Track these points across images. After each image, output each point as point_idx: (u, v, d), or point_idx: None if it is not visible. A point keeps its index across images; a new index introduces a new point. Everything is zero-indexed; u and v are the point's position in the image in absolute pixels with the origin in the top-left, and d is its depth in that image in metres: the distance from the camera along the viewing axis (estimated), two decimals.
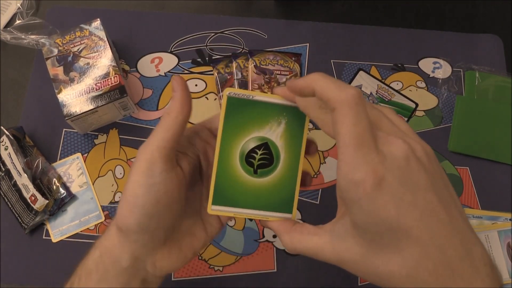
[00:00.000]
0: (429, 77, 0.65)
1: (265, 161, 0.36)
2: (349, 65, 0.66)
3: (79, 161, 0.59)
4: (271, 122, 0.35)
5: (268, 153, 0.36)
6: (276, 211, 0.36)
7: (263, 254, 0.56)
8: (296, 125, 0.36)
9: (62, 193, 0.56)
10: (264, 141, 0.36)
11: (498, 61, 0.67)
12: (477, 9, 0.71)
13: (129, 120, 0.61)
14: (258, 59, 0.62)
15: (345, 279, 0.55)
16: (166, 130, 0.33)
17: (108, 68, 0.57)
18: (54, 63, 0.58)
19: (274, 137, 0.36)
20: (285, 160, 0.36)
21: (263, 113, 0.35)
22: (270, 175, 0.36)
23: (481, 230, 0.56)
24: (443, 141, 0.62)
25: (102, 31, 0.59)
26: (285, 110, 0.35)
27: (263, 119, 0.35)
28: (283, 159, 0.36)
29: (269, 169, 0.36)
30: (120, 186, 0.58)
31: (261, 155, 0.36)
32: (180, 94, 0.34)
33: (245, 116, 0.35)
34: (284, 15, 0.69)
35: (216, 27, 0.67)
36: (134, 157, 0.59)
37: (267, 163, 0.36)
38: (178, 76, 0.35)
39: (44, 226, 0.56)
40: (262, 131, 0.35)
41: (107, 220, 0.56)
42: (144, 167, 0.33)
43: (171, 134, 0.33)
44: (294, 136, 0.36)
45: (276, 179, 0.36)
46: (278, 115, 0.35)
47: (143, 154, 0.34)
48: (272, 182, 0.36)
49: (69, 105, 0.55)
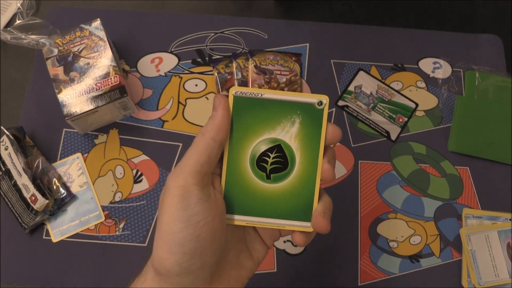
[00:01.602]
0: (429, 77, 0.65)
1: (278, 165, 0.33)
2: (349, 65, 0.66)
3: (79, 161, 0.59)
4: (283, 122, 0.32)
5: (281, 156, 0.33)
6: (293, 219, 0.33)
7: None
8: (312, 124, 0.33)
9: (62, 193, 0.56)
10: (276, 143, 0.33)
11: (498, 61, 0.67)
12: (477, 9, 0.71)
13: (129, 120, 0.61)
14: (258, 59, 0.62)
15: (345, 279, 0.55)
16: (201, 153, 0.30)
17: (108, 68, 0.57)
18: (54, 63, 0.58)
19: (287, 138, 0.33)
20: (301, 163, 0.33)
21: (274, 113, 0.32)
22: (285, 180, 0.33)
23: (481, 230, 0.56)
24: (443, 141, 0.62)
25: (102, 31, 0.59)
26: (299, 108, 0.32)
27: (275, 119, 0.32)
28: (299, 162, 0.33)
29: (284, 174, 0.33)
30: (120, 186, 0.58)
31: (274, 158, 0.33)
32: (221, 114, 0.31)
33: (254, 117, 0.32)
34: (284, 15, 0.69)
35: (216, 27, 0.67)
36: (134, 157, 0.59)
37: (281, 167, 0.33)
38: (223, 95, 0.32)
39: (44, 226, 0.56)
40: (274, 132, 0.33)
41: (107, 220, 0.56)
42: (178, 197, 0.29)
43: (206, 157, 0.30)
44: (311, 137, 0.33)
45: (292, 184, 0.33)
46: (291, 113, 0.32)
47: (175, 181, 0.30)
48: (287, 187, 0.33)
49: (69, 105, 0.55)
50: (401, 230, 0.57)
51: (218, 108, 0.31)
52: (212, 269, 0.31)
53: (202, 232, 0.29)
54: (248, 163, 0.33)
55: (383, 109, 0.63)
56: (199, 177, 0.30)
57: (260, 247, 0.36)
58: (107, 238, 0.56)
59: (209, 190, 0.31)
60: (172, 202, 0.29)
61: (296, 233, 0.34)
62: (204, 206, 0.30)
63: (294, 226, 0.34)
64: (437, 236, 0.57)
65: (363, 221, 0.57)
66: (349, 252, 0.56)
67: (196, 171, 0.29)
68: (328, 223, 0.33)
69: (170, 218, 0.29)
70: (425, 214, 0.58)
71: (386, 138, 0.61)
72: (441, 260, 0.56)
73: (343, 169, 0.60)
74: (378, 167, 0.60)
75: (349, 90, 0.64)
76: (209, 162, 0.30)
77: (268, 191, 0.33)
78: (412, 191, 0.59)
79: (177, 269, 0.30)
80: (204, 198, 0.30)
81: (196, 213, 0.29)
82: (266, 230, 0.36)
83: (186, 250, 0.29)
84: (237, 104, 0.32)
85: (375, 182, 0.59)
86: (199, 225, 0.29)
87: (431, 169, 0.60)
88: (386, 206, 0.58)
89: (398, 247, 0.56)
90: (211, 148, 0.30)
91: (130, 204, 0.57)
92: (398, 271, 0.55)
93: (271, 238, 0.36)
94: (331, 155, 0.33)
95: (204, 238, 0.30)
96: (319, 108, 0.32)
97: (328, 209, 0.33)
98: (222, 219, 0.31)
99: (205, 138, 0.30)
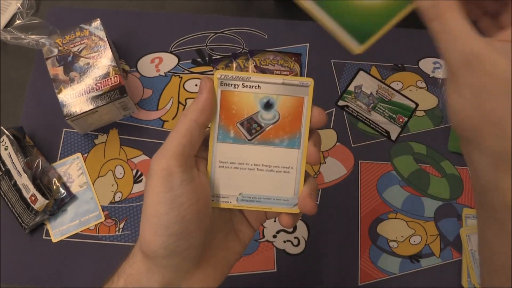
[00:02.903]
0: (429, 77, 0.65)
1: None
2: (349, 65, 0.66)
3: (79, 161, 0.59)
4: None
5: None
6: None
7: (263, 254, 0.56)
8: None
9: (62, 193, 0.56)
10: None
11: None
12: None
13: (129, 120, 0.61)
14: (258, 59, 0.62)
15: (345, 279, 0.55)
16: (183, 135, 0.30)
17: (108, 68, 0.57)
18: (54, 63, 0.58)
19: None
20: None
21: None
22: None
23: None
24: (443, 141, 0.61)
25: (102, 31, 0.59)
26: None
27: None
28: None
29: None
30: (120, 186, 0.58)
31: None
32: (205, 97, 0.31)
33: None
34: (284, 15, 0.68)
35: (216, 27, 0.67)
36: (134, 157, 0.59)
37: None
38: (209, 78, 0.32)
39: (44, 226, 0.56)
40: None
41: (107, 220, 0.56)
42: (161, 179, 0.29)
43: (188, 139, 0.30)
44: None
45: None
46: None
47: (158, 164, 0.30)
48: None
49: (69, 105, 0.55)
50: (401, 230, 0.57)
51: (203, 91, 0.31)
52: (198, 251, 0.31)
53: (187, 213, 0.29)
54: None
55: (383, 109, 0.63)
56: (181, 160, 0.29)
57: (246, 229, 0.36)
58: (107, 238, 0.56)
59: (192, 172, 0.30)
60: (156, 184, 0.29)
61: (283, 215, 0.34)
62: (188, 188, 0.29)
63: (280, 208, 0.34)
64: (437, 236, 0.57)
65: (363, 221, 0.57)
66: (349, 252, 0.56)
67: (179, 153, 0.29)
68: (314, 204, 0.33)
69: (154, 200, 0.29)
70: (425, 214, 0.58)
71: (386, 138, 0.61)
72: (441, 260, 0.56)
73: (343, 169, 0.60)
74: (378, 167, 0.60)
75: (349, 90, 0.64)
76: (191, 144, 0.30)
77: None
78: (412, 191, 0.59)
79: (163, 251, 0.30)
80: (188, 180, 0.30)
81: (180, 194, 0.29)
82: (252, 212, 0.36)
83: (172, 231, 0.29)
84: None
85: (375, 182, 0.59)
86: (183, 206, 0.29)
87: (431, 169, 0.60)
88: (386, 206, 0.58)
89: (398, 247, 0.56)
90: (193, 130, 0.30)
91: (130, 204, 0.57)
92: (398, 271, 0.55)
93: (257, 221, 0.36)
94: (316, 138, 0.34)
95: (189, 219, 0.29)
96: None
97: (314, 190, 0.34)
98: (207, 201, 0.32)
99: (187, 120, 0.30)
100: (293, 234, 0.56)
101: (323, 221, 0.57)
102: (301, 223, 0.57)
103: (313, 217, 0.57)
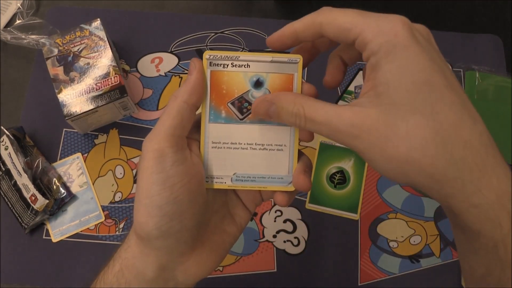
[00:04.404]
0: None
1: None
2: None
3: (79, 161, 0.59)
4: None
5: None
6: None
7: (263, 254, 0.56)
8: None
9: (62, 193, 0.56)
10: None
11: (498, 61, 0.67)
12: (477, 9, 0.71)
13: (129, 120, 0.61)
14: None
15: (345, 279, 0.55)
16: (173, 117, 0.30)
17: (108, 68, 0.57)
18: (54, 63, 0.58)
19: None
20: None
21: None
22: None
23: None
24: None
25: (102, 31, 0.59)
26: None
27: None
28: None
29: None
30: (120, 186, 0.58)
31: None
32: (194, 77, 0.31)
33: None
34: (284, 15, 0.69)
35: (216, 27, 0.67)
36: (134, 157, 0.59)
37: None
38: (199, 60, 0.32)
39: (44, 226, 0.56)
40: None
41: (107, 220, 0.56)
42: (153, 160, 0.29)
43: (179, 120, 0.30)
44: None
45: None
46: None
47: (149, 145, 0.30)
48: None
49: (69, 105, 0.55)
50: (401, 230, 0.57)
51: (192, 72, 0.31)
52: (192, 233, 0.31)
53: (179, 194, 0.29)
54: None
55: None
56: (173, 140, 0.30)
57: (242, 212, 0.36)
58: (107, 238, 0.56)
59: (184, 153, 0.31)
60: (148, 165, 0.29)
61: (278, 194, 0.34)
62: (180, 168, 0.29)
63: (275, 186, 0.34)
64: (437, 236, 0.57)
65: (363, 221, 0.57)
66: (349, 252, 0.56)
67: (170, 134, 0.30)
68: (309, 180, 0.33)
69: (147, 182, 0.29)
70: (425, 214, 0.58)
71: None
72: (441, 260, 0.56)
73: None
74: None
75: (349, 90, 0.64)
76: (182, 126, 0.30)
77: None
78: (412, 191, 0.59)
79: (156, 232, 0.30)
80: (180, 160, 0.30)
81: (172, 175, 0.29)
82: (247, 194, 0.36)
83: (164, 212, 0.29)
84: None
85: (375, 182, 0.59)
86: (175, 187, 0.29)
87: None
88: (386, 206, 0.58)
89: (398, 247, 0.56)
90: (184, 111, 0.30)
91: (130, 204, 0.57)
92: (398, 271, 0.55)
93: (253, 202, 0.36)
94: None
95: (181, 200, 0.30)
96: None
97: (308, 167, 0.34)
98: (200, 182, 0.31)
99: (177, 101, 0.30)
100: (293, 234, 0.56)
101: (323, 221, 0.57)
102: (301, 223, 0.57)
103: (313, 217, 0.57)
